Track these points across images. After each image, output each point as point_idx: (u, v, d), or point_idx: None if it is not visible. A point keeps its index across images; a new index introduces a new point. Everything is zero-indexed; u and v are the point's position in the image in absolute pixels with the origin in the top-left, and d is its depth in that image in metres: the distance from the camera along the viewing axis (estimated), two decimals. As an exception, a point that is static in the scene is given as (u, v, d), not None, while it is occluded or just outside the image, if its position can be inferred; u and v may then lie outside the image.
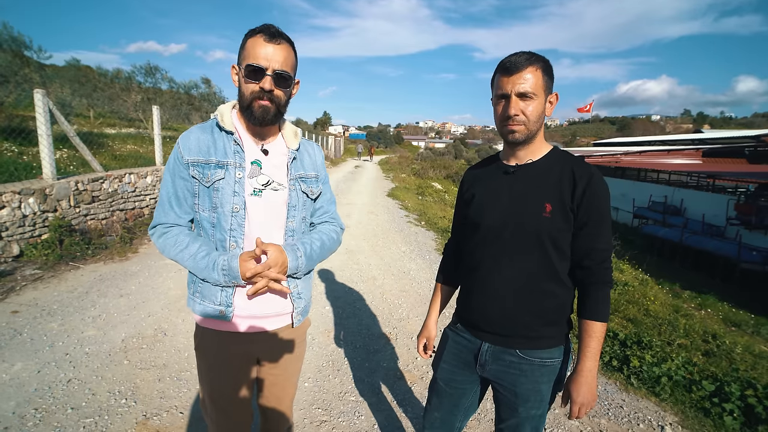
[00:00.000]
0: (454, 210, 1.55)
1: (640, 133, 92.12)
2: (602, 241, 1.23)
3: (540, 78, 1.22)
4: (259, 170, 1.27)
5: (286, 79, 1.21)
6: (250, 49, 1.18)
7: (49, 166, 5.18)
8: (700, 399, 2.82)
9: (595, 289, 1.23)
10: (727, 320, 6.90)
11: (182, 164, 1.25)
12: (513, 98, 1.22)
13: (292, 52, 1.24)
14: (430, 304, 1.62)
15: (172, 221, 1.29)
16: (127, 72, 15.20)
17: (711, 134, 34.08)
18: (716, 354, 3.73)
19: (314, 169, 1.42)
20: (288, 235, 1.33)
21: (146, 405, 2.42)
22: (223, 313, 1.27)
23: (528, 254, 1.25)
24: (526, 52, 1.23)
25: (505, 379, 1.32)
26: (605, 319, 1.22)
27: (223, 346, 1.32)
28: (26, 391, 2.46)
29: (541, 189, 1.25)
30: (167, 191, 1.28)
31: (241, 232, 1.25)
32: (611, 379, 3.10)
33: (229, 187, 1.23)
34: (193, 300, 1.31)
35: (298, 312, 1.38)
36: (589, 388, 1.22)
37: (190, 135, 1.27)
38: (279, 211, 1.31)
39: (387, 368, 3.00)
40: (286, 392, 1.49)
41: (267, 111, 1.21)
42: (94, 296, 3.89)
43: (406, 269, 5.43)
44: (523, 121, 1.23)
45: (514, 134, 1.25)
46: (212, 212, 1.25)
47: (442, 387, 1.46)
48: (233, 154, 1.25)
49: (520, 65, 1.20)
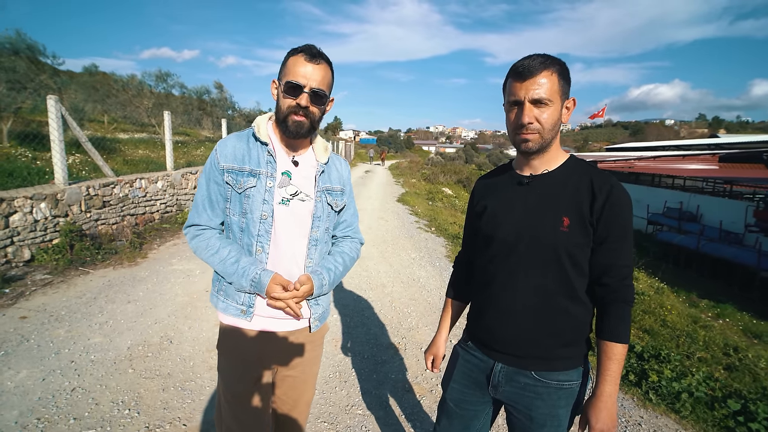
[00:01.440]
0: (465, 222, 1.48)
1: (653, 138, 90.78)
2: (623, 257, 1.15)
3: (556, 82, 1.14)
4: (289, 181, 1.33)
5: (321, 96, 1.28)
6: (291, 67, 1.25)
7: (61, 171, 5.23)
8: (723, 417, 2.69)
9: (616, 308, 1.15)
10: (748, 331, 6.67)
11: (218, 170, 1.31)
12: (527, 105, 1.14)
13: (329, 72, 1.30)
14: (440, 319, 1.54)
15: (204, 223, 1.35)
16: (140, 78, 15.44)
17: (727, 139, 33.45)
18: (739, 368, 3.58)
19: (340, 182, 1.47)
20: (311, 244, 1.37)
21: (149, 416, 2.38)
22: (244, 312, 1.33)
23: (544, 270, 1.17)
24: (541, 55, 1.15)
25: (520, 402, 1.24)
26: (626, 341, 1.13)
27: (241, 345, 1.36)
28: (30, 399, 2.43)
29: (558, 201, 1.17)
30: (202, 194, 1.35)
31: (267, 238, 1.31)
32: (628, 394, 2.98)
33: (259, 194, 1.29)
34: (217, 297, 1.38)
35: (316, 318, 1.42)
36: (609, 413, 1.13)
37: (227, 142, 1.34)
38: (304, 220, 1.36)
39: (395, 380, 2.92)
40: (302, 396, 1.51)
41: (301, 126, 1.28)
42: (102, 302, 3.88)
43: (416, 277, 5.35)
44: (537, 130, 1.15)
45: (528, 143, 1.17)
46: (242, 217, 1.31)
47: (452, 408, 1.38)
48: (266, 164, 1.31)
49: (534, 69, 1.12)
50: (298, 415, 1.53)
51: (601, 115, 15.19)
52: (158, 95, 15.12)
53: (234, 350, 1.37)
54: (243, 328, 1.35)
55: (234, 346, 1.37)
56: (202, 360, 2.99)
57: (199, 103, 17.59)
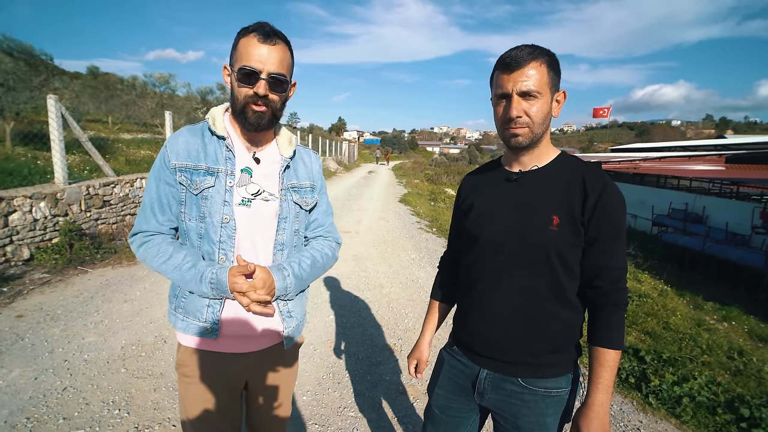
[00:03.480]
0: (451, 221, 1.43)
1: (659, 138, 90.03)
2: (616, 258, 1.10)
3: (545, 74, 1.08)
4: (249, 179, 1.19)
5: (282, 82, 1.13)
6: (243, 50, 1.10)
7: (61, 171, 5.24)
8: (725, 423, 2.63)
9: (608, 312, 1.09)
10: (753, 334, 6.55)
11: (169, 169, 1.16)
12: (515, 98, 1.09)
13: (288, 52, 1.15)
14: (424, 322, 1.48)
15: (153, 229, 1.20)
16: (143, 79, 15.53)
17: (734, 140, 33.12)
18: (743, 373, 3.50)
19: (309, 178, 1.32)
20: (277, 249, 1.23)
21: (139, 416, 2.35)
22: (209, 331, 1.18)
23: (532, 271, 1.12)
24: (529, 45, 1.09)
25: (506, 410, 1.19)
26: (619, 347, 1.07)
27: (207, 367, 1.22)
28: (21, 398, 2.42)
29: (547, 199, 1.12)
30: (150, 197, 1.19)
31: (231, 244, 1.17)
32: (628, 398, 2.92)
33: (219, 195, 1.15)
34: (175, 316, 1.22)
35: (289, 332, 1.28)
36: (601, 423, 1.07)
37: (179, 138, 1.19)
38: (269, 222, 1.22)
39: (389, 382, 2.88)
40: (277, 417, 1.38)
41: (261, 116, 1.14)
42: (99, 301, 3.87)
43: (415, 277, 5.31)
44: (526, 123, 1.10)
45: (517, 138, 1.12)
46: (200, 222, 1.17)
47: (437, 415, 1.33)
48: (224, 161, 1.17)
49: (521, 60, 1.07)
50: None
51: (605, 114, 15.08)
52: (161, 96, 15.18)
53: (197, 374, 1.22)
54: (207, 349, 1.21)
55: (197, 369, 1.22)
56: (196, 360, 2.97)
57: (202, 103, 17.65)
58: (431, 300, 1.49)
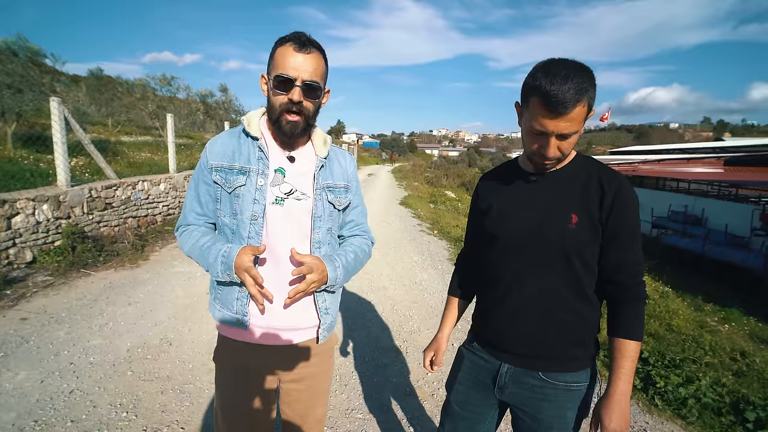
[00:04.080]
0: (468, 220, 1.45)
1: (658, 141, 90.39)
2: (634, 254, 1.13)
3: (584, 112, 1.05)
4: (282, 178, 1.24)
5: (315, 89, 1.17)
6: (279, 59, 1.14)
7: (64, 173, 5.24)
8: (731, 423, 2.64)
9: (629, 305, 1.13)
10: (754, 336, 6.57)
11: (206, 169, 1.24)
12: (553, 139, 1.07)
13: (322, 60, 1.20)
14: (442, 317, 1.51)
15: (192, 223, 1.30)
16: (145, 80, 15.52)
17: (733, 142, 33.25)
18: (747, 374, 3.52)
19: (344, 178, 1.36)
20: (314, 246, 1.27)
21: (147, 419, 2.35)
22: (240, 321, 1.24)
23: (552, 268, 1.15)
24: (575, 79, 1.00)
25: (527, 404, 1.22)
26: (640, 338, 1.10)
27: (239, 357, 1.28)
28: (28, 401, 2.41)
29: (566, 198, 1.15)
30: (191, 195, 1.30)
31: (258, 240, 1.21)
32: (633, 399, 2.93)
33: (249, 194, 1.21)
34: (214, 306, 1.30)
35: (325, 327, 1.33)
36: (622, 412, 1.10)
37: (217, 140, 1.27)
38: (302, 221, 1.26)
39: (396, 383, 2.89)
40: (310, 412, 1.39)
41: (296, 126, 1.19)
42: (103, 304, 3.87)
43: (418, 280, 5.32)
44: (557, 158, 1.12)
45: (546, 167, 1.16)
46: (232, 219, 1.23)
47: (456, 410, 1.36)
48: (257, 161, 1.22)
49: (567, 105, 1.00)
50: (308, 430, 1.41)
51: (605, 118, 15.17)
52: (162, 98, 15.18)
53: (230, 361, 1.29)
54: (238, 339, 1.27)
55: (230, 357, 1.29)
56: (202, 363, 2.97)
57: (203, 106, 17.66)
58: (449, 296, 1.51)
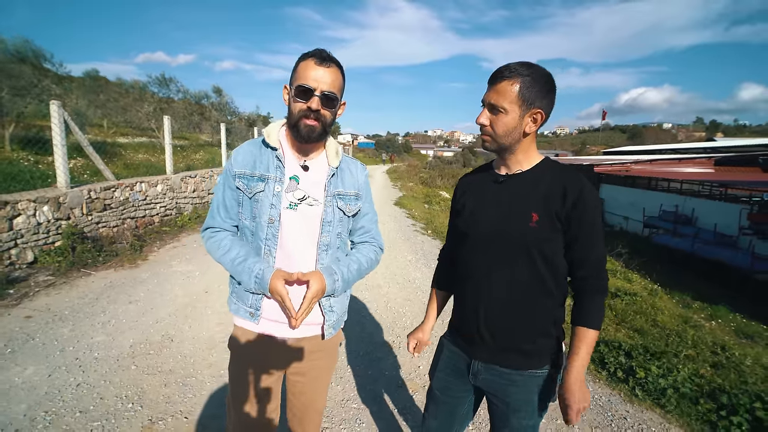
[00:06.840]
0: (449, 218, 1.57)
1: (651, 141, 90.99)
2: (595, 251, 1.24)
3: (515, 93, 1.19)
4: (296, 185, 1.36)
5: (332, 99, 1.29)
6: (302, 71, 1.27)
7: (63, 175, 5.33)
8: (707, 411, 2.79)
9: (590, 297, 1.25)
10: (740, 332, 6.76)
11: (231, 175, 1.37)
12: (484, 108, 1.26)
13: (340, 75, 1.32)
14: (427, 309, 1.65)
15: (218, 225, 1.41)
16: (142, 83, 15.56)
17: (724, 142, 33.64)
18: (725, 366, 3.67)
19: (355, 187, 1.47)
20: (321, 249, 1.39)
21: (152, 410, 2.47)
22: (252, 315, 1.37)
23: (516, 265, 1.26)
24: (518, 64, 1.21)
25: (498, 389, 1.34)
26: (597, 327, 1.23)
27: (250, 346, 1.41)
28: (37, 394, 2.52)
29: (528, 199, 1.26)
30: (217, 199, 1.42)
31: (274, 242, 1.34)
32: (615, 390, 3.08)
33: (267, 199, 1.33)
34: (231, 300, 1.44)
35: (329, 325, 1.44)
36: (581, 387, 1.22)
37: (241, 149, 1.40)
38: (313, 225, 1.37)
39: (389, 376, 3.02)
40: (313, 403, 1.53)
41: (313, 130, 1.30)
42: (104, 302, 3.97)
43: (412, 278, 5.45)
44: (489, 133, 1.26)
45: (484, 143, 1.30)
46: (252, 221, 1.36)
47: (438, 395, 1.48)
48: (274, 169, 1.35)
49: (497, 77, 1.21)
50: (308, 422, 1.55)
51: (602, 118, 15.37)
52: (158, 100, 15.22)
53: (241, 351, 1.42)
54: (251, 330, 1.40)
55: (242, 347, 1.42)
56: (203, 358, 3.08)
57: (198, 108, 17.69)
58: (432, 289, 1.65)
